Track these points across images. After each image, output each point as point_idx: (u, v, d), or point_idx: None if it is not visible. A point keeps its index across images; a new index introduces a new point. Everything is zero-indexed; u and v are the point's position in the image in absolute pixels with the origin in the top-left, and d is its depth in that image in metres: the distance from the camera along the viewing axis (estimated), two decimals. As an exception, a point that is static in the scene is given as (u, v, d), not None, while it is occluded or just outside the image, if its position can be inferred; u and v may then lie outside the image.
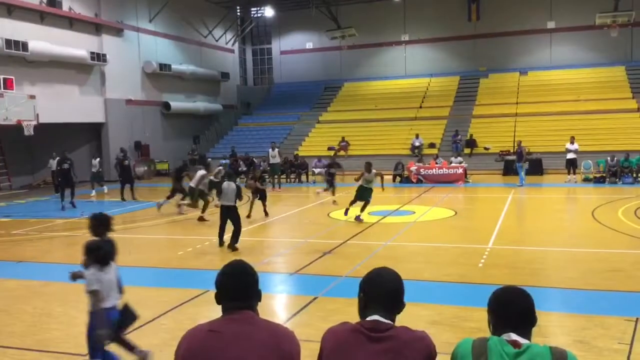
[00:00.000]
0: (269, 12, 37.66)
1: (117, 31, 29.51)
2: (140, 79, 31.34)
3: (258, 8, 39.32)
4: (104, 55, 27.72)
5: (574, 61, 34.48)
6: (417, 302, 7.71)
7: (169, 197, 17.37)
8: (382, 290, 2.55)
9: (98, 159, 23.29)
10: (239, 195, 11.58)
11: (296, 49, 40.53)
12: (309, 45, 40.31)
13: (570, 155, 23.06)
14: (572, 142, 23.22)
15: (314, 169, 27.31)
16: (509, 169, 25.82)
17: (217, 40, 37.53)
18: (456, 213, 15.93)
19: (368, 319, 2.50)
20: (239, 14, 39.93)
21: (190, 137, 34.83)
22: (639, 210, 15.04)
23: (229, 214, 11.46)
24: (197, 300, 8.02)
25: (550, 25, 35.18)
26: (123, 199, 20.04)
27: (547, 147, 26.24)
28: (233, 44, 40.07)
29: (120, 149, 22.83)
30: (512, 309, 2.44)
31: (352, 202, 15.01)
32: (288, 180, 26.42)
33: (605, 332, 6.38)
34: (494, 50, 36.06)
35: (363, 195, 14.86)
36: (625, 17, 30.11)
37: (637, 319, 6.64)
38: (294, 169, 26.95)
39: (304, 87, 39.23)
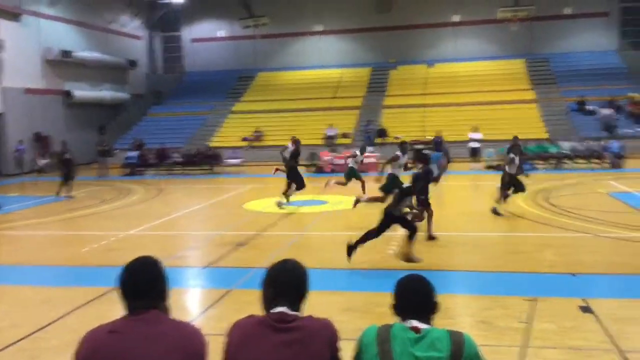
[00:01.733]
0: (178, -2, 36.55)
1: (14, 16, 27.66)
2: (40, 67, 29.58)
3: (168, -5, 38.13)
4: (1, 41, 25.92)
5: (477, 54, 36.05)
6: (330, 290, 7.82)
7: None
8: (286, 282, 2.55)
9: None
10: None
11: (208, 37, 39.69)
12: (221, 33, 39.62)
13: (473, 144, 24.18)
14: (475, 132, 24.34)
15: (227, 160, 26.94)
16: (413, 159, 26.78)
17: (124, 27, 36.04)
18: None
19: (273, 310, 2.50)
20: (147, -1, 38.56)
21: (95, 128, 33.30)
22: (537, 196, 15.99)
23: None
24: (104, 298, 7.70)
25: (455, 18, 36.57)
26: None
27: (454, 137, 27.35)
28: (142, 31, 38.64)
29: (61, 142, 21.04)
30: (412, 297, 2.55)
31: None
32: (200, 171, 25.90)
33: (507, 312, 6.74)
34: (403, 42, 37.01)
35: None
36: (525, 12, 31.78)
37: (536, 298, 7.06)
38: (207, 160, 26.44)
39: (216, 76, 38.51)
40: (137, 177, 25.09)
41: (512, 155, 13.63)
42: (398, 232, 11.43)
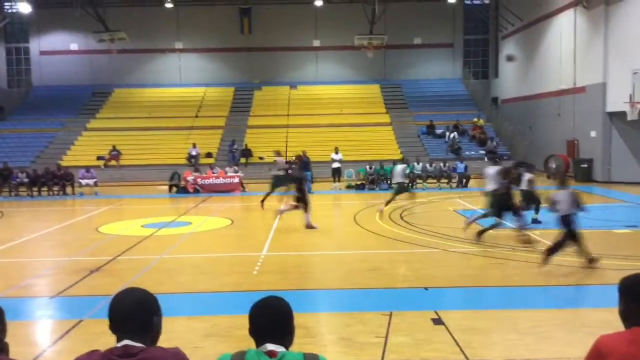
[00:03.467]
0: (25, 8, 33.70)
1: None
2: None
3: (13, 3, 35.24)
4: None
5: (337, 78, 37.52)
6: (192, 316, 7.60)
7: None
8: (126, 313, 2.36)
9: None
10: None
11: (59, 49, 37.23)
12: (74, 46, 37.38)
13: (335, 165, 25.03)
14: (336, 152, 25.22)
15: (80, 181, 25.25)
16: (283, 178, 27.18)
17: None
18: (232, 222, 16.11)
19: (118, 344, 2.34)
20: (-12, 7, 35.30)
21: None
22: (392, 214, 16.84)
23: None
24: None
25: (316, 43, 37.80)
26: None
27: (316, 157, 28.04)
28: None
29: None
30: (266, 320, 2.47)
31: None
32: (50, 192, 24.02)
33: (365, 327, 6.97)
34: (266, 63, 37.47)
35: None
36: (379, 40, 33.65)
37: (391, 313, 7.39)
38: (57, 180, 24.56)
39: (68, 91, 36.12)
40: (-25, 200, 22.70)
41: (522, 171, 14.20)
42: (262, 254, 11.45)
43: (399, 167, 17.08)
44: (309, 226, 14.30)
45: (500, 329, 6.94)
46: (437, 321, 7.06)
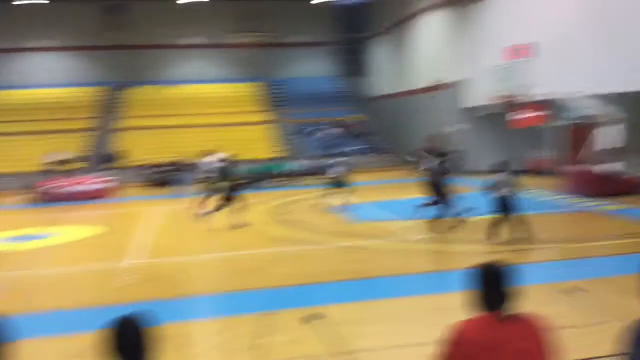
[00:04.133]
0: None
1: None
2: None
3: None
4: None
5: (213, 76, 36.76)
6: (53, 336, 6.94)
7: None
8: None
9: None
10: None
11: None
12: None
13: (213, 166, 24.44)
14: (218, 154, 24.61)
15: None
16: (158, 182, 26.11)
17: None
18: (100, 230, 15.12)
19: None
20: None
21: None
22: (271, 212, 16.71)
23: None
24: None
25: (191, 41, 36.79)
26: None
27: (192, 159, 27.21)
28: None
29: None
30: (122, 337, 2.39)
31: None
32: None
33: (242, 330, 6.71)
34: (139, 62, 35.88)
35: None
36: (256, 38, 33.38)
37: (271, 312, 7.19)
38: None
39: None
40: None
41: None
42: (131, 262, 10.80)
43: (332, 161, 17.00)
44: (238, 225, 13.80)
45: (375, 319, 7.03)
46: (315, 316, 6.99)
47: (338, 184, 16.62)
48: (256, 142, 30.45)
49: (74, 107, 32.96)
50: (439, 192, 12.41)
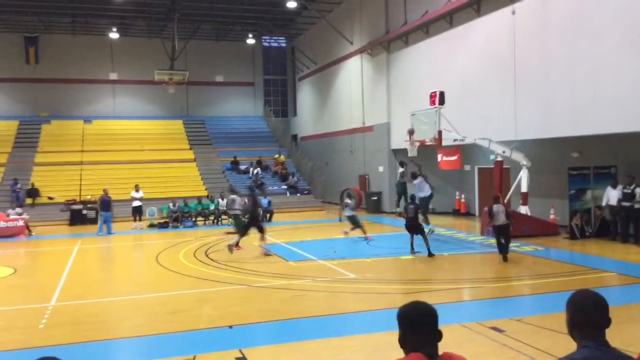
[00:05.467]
0: None
1: None
2: None
3: None
4: None
5: (137, 112, 36.23)
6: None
7: None
8: None
9: None
10: None
11: None
12: None
13: (135, 203, 23.89)
14: (137, 190, 24.11)
15: None
16: (76, 219, 25.33)
17: None
18: (16, 271, 14.40)
19: None
20: None
21: None
22: (197, 252, 16.50)
23: None
24: None
25: (113, 76, 36.22)
26: None
27: (115, 196, 26.51)
28: None
29: None
30: None
31: None
32: None
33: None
34: (56, 96, 34.87)
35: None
36: (181, 76, 33.32)
37: (194, 356, 7.14)
38: None
39: None
40: None
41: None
42: (50, 304, 10.37)
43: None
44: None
45: (302, 361, 7.09)
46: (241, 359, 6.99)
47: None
48: (182, 180, 30.11)
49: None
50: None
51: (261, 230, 15.85)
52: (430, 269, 13.19)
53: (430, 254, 14.09)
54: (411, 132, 19.30)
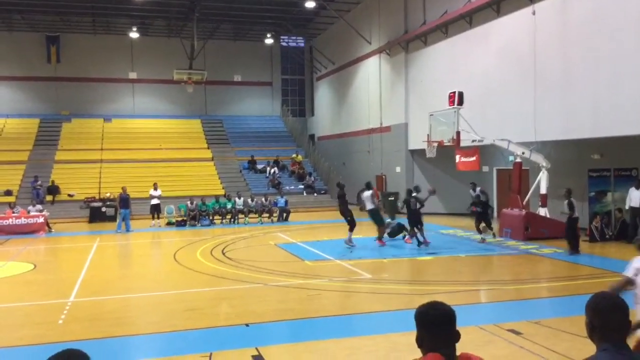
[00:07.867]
0: None
1: None
2: None
3: None
4: None
5: (156, 111, 36.49)
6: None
7: None
8: None
9: None
10: None
11: None
12: None
13: (154, 201, 24.08)
14: (155, 189, 24.30)
15: None
16: (95, 216, 25.63)
17: None
18: (35, 266, 14.60)
19: None
20: None
21: None
22: (214, 250, 16.59)
23: None
24: None
25: (133, 75, 36.53)
26: None
27: (133, 194, 26.76)
28: None
29: None
30: None
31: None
32: None
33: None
34: (77, 94, 35.26)
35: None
36: (199, 76, 33.51)
37: (211, 354, 7.18)
38: None
39: None
40: None
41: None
42: (70, 300, 10.49)
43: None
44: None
45: (318, 360, 7.10)
46: (258, 358, 7.01)
47: None
48: (200, 179, 30.29)
49: (12, 138, 31.97)
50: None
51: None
52: (447, 271, 13.13)
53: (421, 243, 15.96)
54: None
